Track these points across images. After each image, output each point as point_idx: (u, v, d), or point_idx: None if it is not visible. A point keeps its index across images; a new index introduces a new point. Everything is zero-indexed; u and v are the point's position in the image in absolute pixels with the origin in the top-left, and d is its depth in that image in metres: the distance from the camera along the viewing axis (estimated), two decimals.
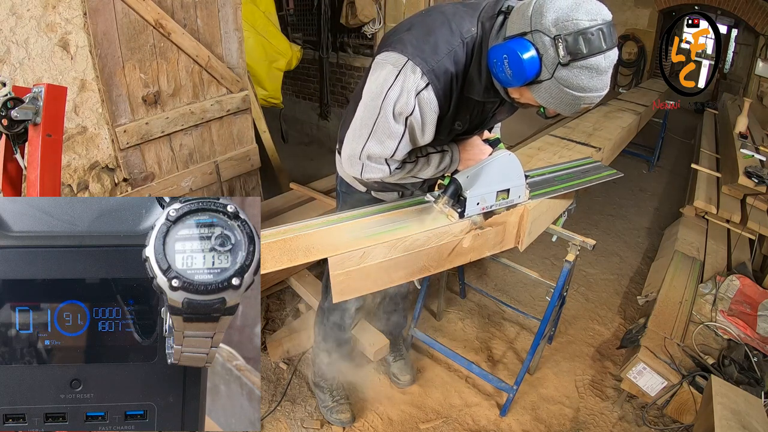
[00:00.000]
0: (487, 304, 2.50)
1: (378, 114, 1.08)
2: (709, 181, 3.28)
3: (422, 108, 1.06)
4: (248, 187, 2.55)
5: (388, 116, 1.07)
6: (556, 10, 0.89)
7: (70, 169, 1.79)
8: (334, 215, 1.25)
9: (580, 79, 0.90)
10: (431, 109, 1.07)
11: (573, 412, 1.94)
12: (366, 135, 1.11)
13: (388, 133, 1.09)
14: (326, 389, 1.83)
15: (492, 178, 1.25)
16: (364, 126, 1.11)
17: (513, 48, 0.92)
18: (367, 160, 1.14)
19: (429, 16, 1.10)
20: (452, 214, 1.26)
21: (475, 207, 1.25)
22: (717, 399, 1.48)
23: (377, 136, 1.10)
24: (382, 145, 1.11)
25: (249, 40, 2.98)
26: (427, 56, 1.03)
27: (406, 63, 1.04)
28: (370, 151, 1.12)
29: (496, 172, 1.25)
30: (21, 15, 1.54)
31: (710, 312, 2.18)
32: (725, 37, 6.52)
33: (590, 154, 2.06)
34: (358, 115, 1.13)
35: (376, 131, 1.09)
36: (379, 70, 1.08)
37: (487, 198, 1.27)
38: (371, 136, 1.10)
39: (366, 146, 1.11)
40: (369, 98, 1.10)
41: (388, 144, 1.10)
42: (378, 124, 1.08)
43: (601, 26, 0.88)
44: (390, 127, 1.08)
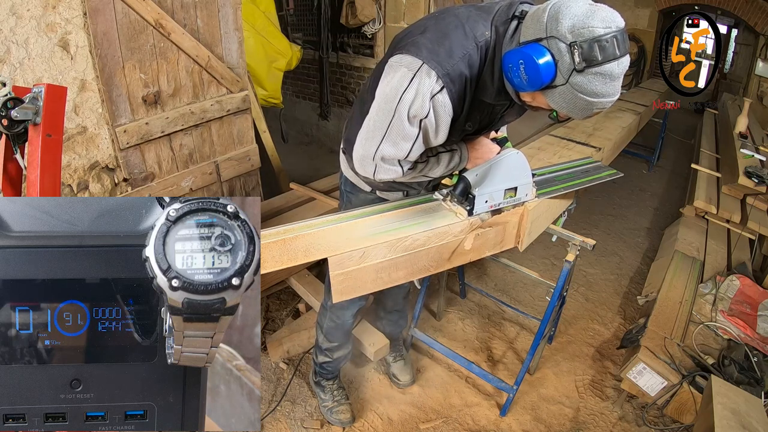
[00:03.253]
0: (487, 304, 2.50)
1: (393, 116, 1.08)
2: (709, 181, 3.28)
3: (437, 111, 1.07)
4: (248, 187, 2.55)
5: (402, 119, 1.07)
6: (572, 17, 0.90)
7: (70, 169, 1.79)
8: (334, 215, 1.25)
9: (594, 85, 0.92)
10: (446, 112, 1.08)
11: (573, 412, 1.94)
12: (380, 137, 1.11)
13: (403, 135, 1.10)
14: (327, 389, 1.83)
15: (501, 176, 1.27)
16: (378, 128, 1.11)
17: (529, 53, 0.93)
18: (381, 162, 1.15)
19: (443, 20, 1.11)
20: (461, 211, 1.27)
21: (484, 205, 1.27)
22: (717, 399, 1.48)
23: (391, 138, 1.10)
24: (396, 147, 1.11)
25: (249, 40, 2.98)
26: (442, 60, 1.04)
27: (422, 66, 1.04)
28: (384, 152, 1.12)
29: (505, 170, 1.27)
30: (21, 15, 1.54)
31: (710, 312, 2.18)
32: (725, 37, 6.52)
33: (590, 154, 2.06)
34: (371, 116, 1.13)
35: (390, 133, 1.10)
36: (393, 73, 1.08)
37: (495, 196, 1.28)
38: (385, 137, 1.11)
39: (380, 148, 1.12)
40: (383, 100, 1.10)
41: (402, 146, 1.11)
42: (392, 127, 1.09)
43: (615, 33, 0.90)
44: (404, 130, 1.09)
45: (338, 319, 1.68)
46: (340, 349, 1.77)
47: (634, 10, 6.97)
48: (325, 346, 1.76)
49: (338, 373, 1.86)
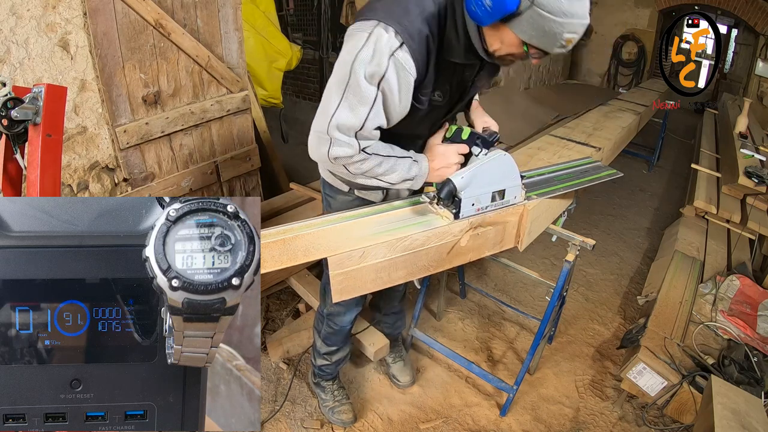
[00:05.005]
0: (487, 304, 2.50)
1: (349, 78, 1.02)
2: (709, 181, 3.28)
3: (397, 70, 1.02)
4: (248, 187, 2.55)
5: (359, 78, 1.01)
6: None
7: (70, 169, 1.80)
8: (334, 215, 1.25)
9: (561, 2, 0.91)
10: (407, 71, 1.03)
11: (573, 412, 1.94)
12: (336, 103, 1.04)
13: (360, 98, 1.03)
14: (327, 389, 1.83)
15: (487, 179, 1.25)
16: (334, 94, 1.05)
17: None
18: (336, 132, 1.07)
19: None
20: (447, 214, 1.25)
21: (470, 208, 1.25)
22: (717, 399, 1.48)
23: (348, 101, 1.04)
24: (352, 112, 1.04)
25: (249, 40, 2.98)
26: (398, 17, 1.01)
27: (377, 25, 1.01)
28: (340, 119, 1.05)
29: (492, 172, 1.25)
30: (21, 15, 1.54)
31: (710, 312, 2.18)
32: (725, 37, 6.52)
33: (590, 154, 2.06)
34: (328, 85, 1.07)
35: (347, 96, 1.03)
36: (350, 40, 1.05)
37: (482, 198, 1.26)
38: (342, 102, 1.04)
39: (335, 115, 1.05)
40: (339, 67, 1.04)
41: (359, 111, 1.04)
42: (349, 88, 1.03)
43: None
44: (361, 91, 1.02)
45: (336, 326, 1.66)
46: (338, 352, 1.76)
47: (634, 10, 6.98)
48: (323, 351, 1.75)
49: (337, 374, 1.86)
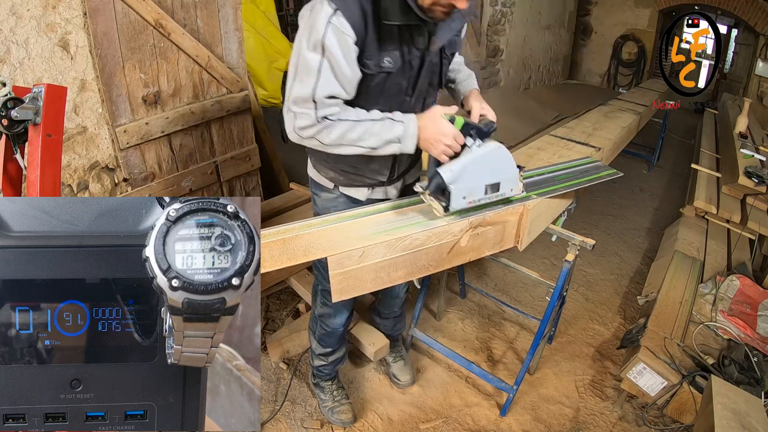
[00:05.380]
0: (487, 304, 2.50)
1: (298, 56, 1.13)
2: (709, 181, 3.27)
3: (336, 34, 1.09)
4: (248, 187, 2.55)
5: (303, 51, 1.11)
6: None
7: (70, 169, 1.80)
8: (334, 215, 1.25)
9: None
10: (344, 33, 1.09)
11: (573, 412, 1.94)
12: (291, 81, 1.15)
13: (307, 69, 1.11)
14: (326, 390, 1.83)
15: (480, 171, 1.22)
16: (291, 74, 1.15)
17: None
18: (293, 106, 1.15)
19: None
20: (438, 207, 1.23)
21: (462, 201, 1.21)
22: (717, 399, 1.48)
23: (299, 76, 1.13)
24: (302, 83, 1.12)
25: (249, 40, 2.98)
26: None
27: (315, 3, 1.10)
28: (294, 92, 1.13)
29: (484, 165, 1.22)
30: (21, 15, 1.54)
31: (710, 312, 2.18)
32: (725, 37, 6.52)
33: (590, 154, 2.06)
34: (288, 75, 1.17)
35: (298, 71, 1.13)
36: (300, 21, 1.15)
37: (474, 191, 1.23)
38: (295, 79, 1.14)
39: (292, 92, 1.14)
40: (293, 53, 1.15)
41: (307, 81, 1.12)
42: (299, 65, 1.13)
43: None
44: (307, 62, 1.11)
45: (328, 327, 1.68)
46: (335, 353, 1.77)
47: (634, 10, 6.97)
48: (319, 351, 1.76)
49: (336, 374, 1.86)
